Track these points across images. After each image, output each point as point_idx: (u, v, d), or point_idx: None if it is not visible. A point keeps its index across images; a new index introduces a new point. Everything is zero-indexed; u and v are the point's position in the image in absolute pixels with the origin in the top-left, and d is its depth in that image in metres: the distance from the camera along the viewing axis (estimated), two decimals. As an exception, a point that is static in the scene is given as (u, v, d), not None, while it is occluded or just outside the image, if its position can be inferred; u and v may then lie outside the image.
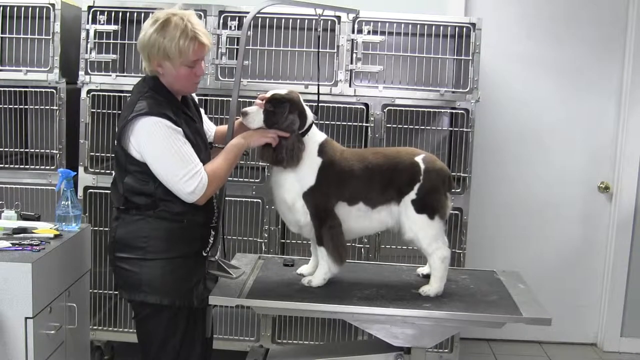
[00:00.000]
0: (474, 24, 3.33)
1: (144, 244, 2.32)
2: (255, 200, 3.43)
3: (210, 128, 2.64)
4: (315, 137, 2.48)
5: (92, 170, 3.39)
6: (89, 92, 3.36)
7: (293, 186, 2.43)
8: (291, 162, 2.39)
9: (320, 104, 2.76)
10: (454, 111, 3.51)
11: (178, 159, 2.23)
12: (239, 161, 3.32)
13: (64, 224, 2.67)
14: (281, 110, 2.40)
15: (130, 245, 2.34)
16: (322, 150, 2.46)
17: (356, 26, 3.31)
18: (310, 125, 2.48)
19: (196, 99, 2.60)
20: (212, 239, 2.44)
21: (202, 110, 2.66)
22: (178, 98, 2.39)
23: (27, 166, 3.50)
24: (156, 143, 2.23)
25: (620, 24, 3.98)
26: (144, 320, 2.41)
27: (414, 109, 3.37)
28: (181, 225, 2.34)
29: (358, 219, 2.48)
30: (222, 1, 3.35)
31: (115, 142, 2.35)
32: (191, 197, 2.26)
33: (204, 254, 2.43)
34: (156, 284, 2.33)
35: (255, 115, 2.41)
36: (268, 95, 2.43)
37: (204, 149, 2.41)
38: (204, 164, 2.31)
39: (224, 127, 2.66)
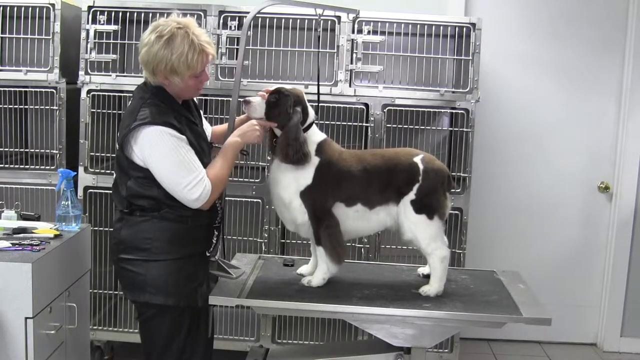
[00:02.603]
0: (474, 24, 3.33)
1: (148, 245, 2.32)
2: (255, 200, 3.43)
3: (206, 128, 2.65)
4: (314, 136, 2.48)
5: (92, 170, 3.39)
6: (89, 92, 3.36)
7: (290, 184, 2.43)
8: (297, 159, 2.38)
9: (320, 104, 2.76)
10: (454, 111, 3.51)
11: (182, 168, 2.23)
12: (239, 161, 3.35)
13: (64, 224, 2.67)
14: (284, 102, 2.40)
15: (135, 246, 2.34)
16: (320, 149, 2.46)
17: (356, 26, 3.31)
18: (311, 125, 2.48)
19: (196, 99, 2.60)
20: (215, 239, 2.45)
21: (201, 112, 2.67)
22: (180, 101, 2.39)
23: (27, 166, 3.50)
24: (160, 152, 2.23)
25: (620, 24, 3.98)
26: (148, 320, 2.41)
27: (414, 109, 3.37)
28: (186, 226, 2.34)
29: (356, 220, 2.48)
30: (222, 1, 3.35)
31: (117, 146, 2.34)
32: (196, 203, 2.27)
33: (207, 254, 2.44)
34: (161, 284, 2.33)
35: (258, 105, 2.42)
36: (273, 88, 2.44)
37: (208, 151, 2.42)
38: (205, 167, 2.32)
39: (220, 127, 2.67)
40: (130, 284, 2.38)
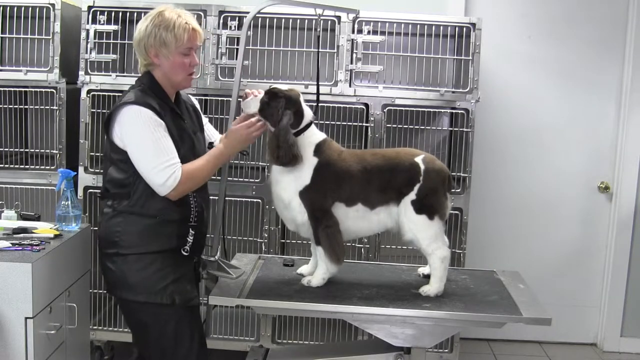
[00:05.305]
0: (474, 24, 3.32)
1: (117, 238, 2.35)
2: (255, 200, 3.43)
3: (214, 134, 2.66)
4: (313, 136, 2.48)
5: (92, 170, 3.39)
6: (89, 92, 3.36)
7: (289, 184, 2.44)
8: (287, 161, 2.39)
9: (320, 104, 2.76)
10: (454, 111, 3.51)
11: (154, 149, 2.27)
12: (239, 161, 3.35)
13: (64, 224, 2.67)
14: (275, 104, 2.41)
15: (108, 240, 2.38)
16: (319, 150, 2.46)
17: (356, 26, 3.31)
18: (309, 125, 2.48)
19: (197, 106, 2.63)
20: (191, 237, 2.43)
21: (205, 119, 2.68)
22: (171, 96, 2.43)
23: (27, 166, 3.50)
24: (137, 130, 2.28)
25: (620, 24, 3.98)
26: (127, 316, 2.48)
27: (414, 109, 3.37)
28: (154, 221, 2.35)
29: (356, 220, 2.49)
30: (222, 1, 3.35)
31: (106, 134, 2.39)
32: (161, 189, 2.29)
33: (184, 253, 2.42)
34: (128, 279, 2.35)
35: (252, 101, 2.44)
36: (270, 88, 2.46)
37: (189, 147, 2.41)
38: (185, 161, 2.33)
39: None
40: (106, 278, 2.44)
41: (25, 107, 3.53)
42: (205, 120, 2.68)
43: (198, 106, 2.63)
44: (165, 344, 2.40)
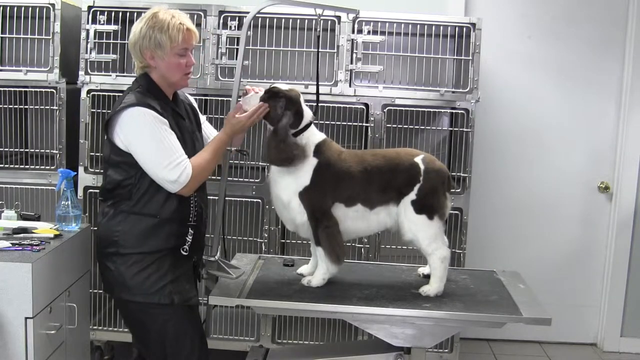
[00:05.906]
0: (474, 24, 3.32)
1: (116, 237, 2.36)
2: (255, 200, 3.43)
3: (212, 133, 2.66)
4: (313, 137, 2.48)
5: (92, 170, 3.39)
6: (89, 92, 3.36)
7: (289, 185, 2.44)
8: (281, 161, 2.40)
9: (320, 104, 2.76)
10: (454, 111, 3.51)
11: (162, 148, 2.27)
12: (239, 161, 3.36)
13: (64, 224, 2.67)
14: (274, 103, 2.42)
15: (107, 239, 2.38)
16: (319, 150, 2.46)
17: (356, 26, 3.31)
18: (308, 125, 2.48)
19: (195, 104, 2.63)
20: (190, 236, 2.43)
21: (203, 117, 2.68)
22: (169, 96, 2.43)
23: (27, 166, 3.50)
24: (141, 131, 2.28)
25: (620, 24, 3.98)
26: (126, 317, 2.48)
27: (414, 109, 3.37)
28: (155, 220, 2.35)
29: (356, 220, 2.49)
30: (222, 1, 3.36)
31: (105, 136, 2.39)
32: (174, 186, 2.29)
33: (184, 252, 2.42)
34: (129, 280, 2.35)
35: (252, 98, 2.44)
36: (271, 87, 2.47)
37: (190, 146, 2.42)
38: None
39: None
40: (104, 279, 2.44)
41: (25, 107, 3.53)
42: (203, 118, 2.69)
43: (195, 105, 2.64)
44: (165, 343, 2.40)
